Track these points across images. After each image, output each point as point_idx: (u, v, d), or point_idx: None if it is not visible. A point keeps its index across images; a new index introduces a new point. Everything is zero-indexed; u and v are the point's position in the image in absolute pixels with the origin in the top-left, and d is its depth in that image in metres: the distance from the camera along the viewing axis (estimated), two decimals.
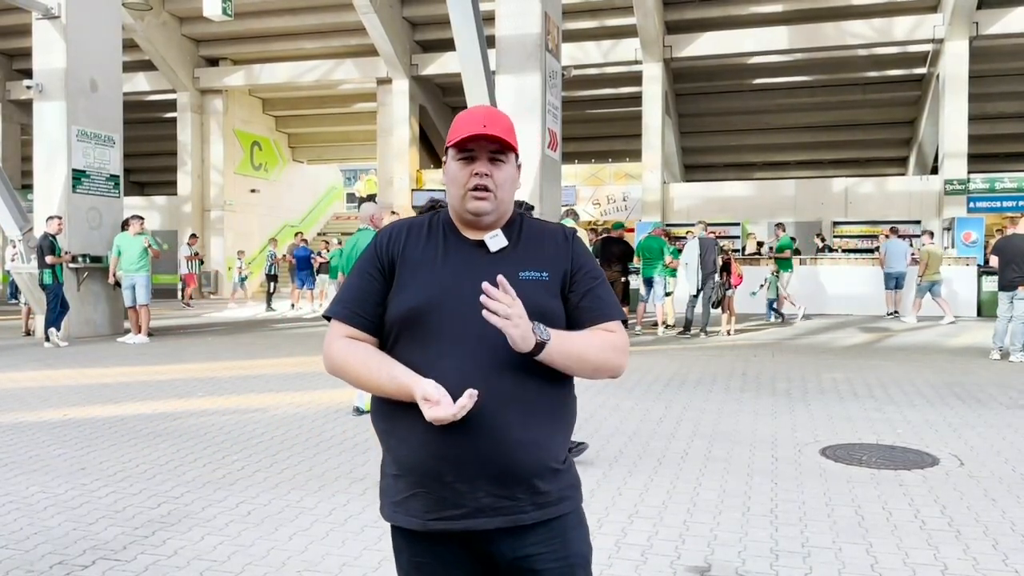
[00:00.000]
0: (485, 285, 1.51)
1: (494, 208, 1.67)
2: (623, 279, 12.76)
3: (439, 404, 1.49)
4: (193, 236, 21.10)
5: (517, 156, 1.73)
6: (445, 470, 1.56)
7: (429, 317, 1.60)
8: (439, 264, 1.66)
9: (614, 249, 12.74)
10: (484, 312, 1.49)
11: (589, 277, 1.71)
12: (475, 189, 1.65)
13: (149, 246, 11.92)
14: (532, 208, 5.27)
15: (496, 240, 1.68)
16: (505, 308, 1.49)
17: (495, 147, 1.66)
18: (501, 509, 1.58)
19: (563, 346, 1.58)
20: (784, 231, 16.55)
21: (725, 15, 20.37)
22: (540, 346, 1.54)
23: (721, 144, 25.13)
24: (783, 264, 15.28)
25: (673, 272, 12.86)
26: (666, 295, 13.00)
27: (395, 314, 1.64)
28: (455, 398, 1.50)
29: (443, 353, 1.58)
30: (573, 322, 1.68)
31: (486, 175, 1.65)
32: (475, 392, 1.50)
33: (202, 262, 21.61)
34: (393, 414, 1.62)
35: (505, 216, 1.72)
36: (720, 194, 22.03)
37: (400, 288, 1.65)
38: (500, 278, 1.53)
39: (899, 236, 16.05)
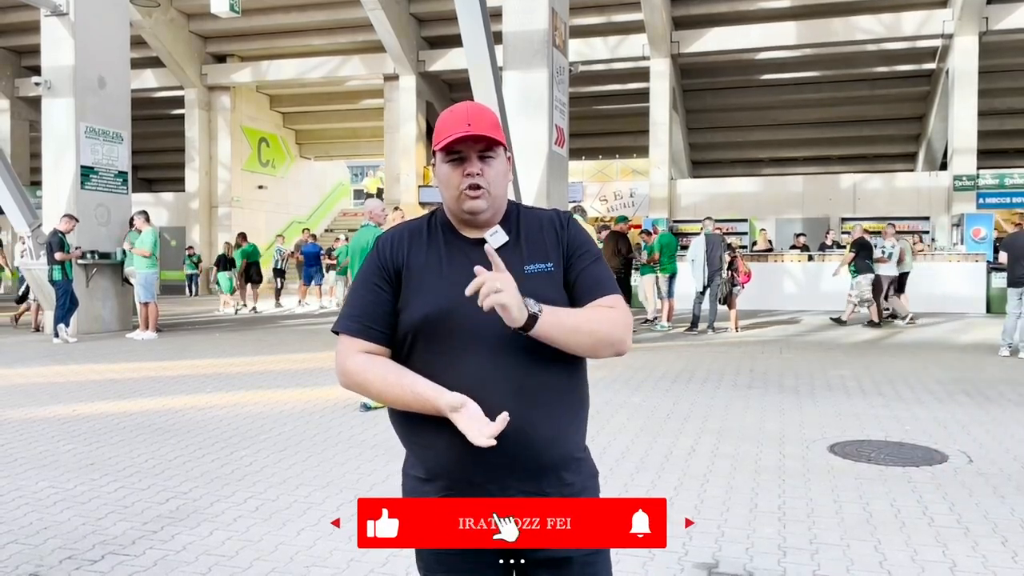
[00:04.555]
0: (477, 270, 1.50)
1: (489, 205, 1.66)
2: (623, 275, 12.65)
3: (471, 415, 1.50)
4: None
5: (506, 150, 1.72)
6: (475, 472, 1.57)
7: (443, 323, 1.60)
8: (445, 268, 1.65)
9: (617, 243, 12.64)
10: (480, 299, 1.47)
11: (586, 256, 1.71)
12: (469, 188, 1.64)
13: (131, 246, 11.98)
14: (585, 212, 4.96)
15: (497, 237, 1.68)
16: (492, 283, 1.47)
17: (482, 145, 1.65)
18: None
19: (556, 316, 1.55)
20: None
21: (732, 10, 20.29)
22: (533, 318, 1.51)
23: (728, 140, 25.06)
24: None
25: (651, 269, 13.45)
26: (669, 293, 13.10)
27: (409, 323, 1.63)
28: (478, 401, 1.52)
29: (461, 359, 1.58)
30: (571, 301, 1.67)
31: (478, 174, 1.64)
32: (507, 415, 1.50)
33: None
34: (412, 420, 1.61)
35: (500, 211, 1.72)
36: (727, 190, 21.97)
37: (411, 296, 1.64)
38: (478, 268, 1.51)
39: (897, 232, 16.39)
